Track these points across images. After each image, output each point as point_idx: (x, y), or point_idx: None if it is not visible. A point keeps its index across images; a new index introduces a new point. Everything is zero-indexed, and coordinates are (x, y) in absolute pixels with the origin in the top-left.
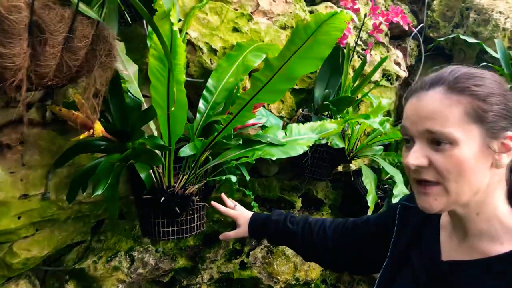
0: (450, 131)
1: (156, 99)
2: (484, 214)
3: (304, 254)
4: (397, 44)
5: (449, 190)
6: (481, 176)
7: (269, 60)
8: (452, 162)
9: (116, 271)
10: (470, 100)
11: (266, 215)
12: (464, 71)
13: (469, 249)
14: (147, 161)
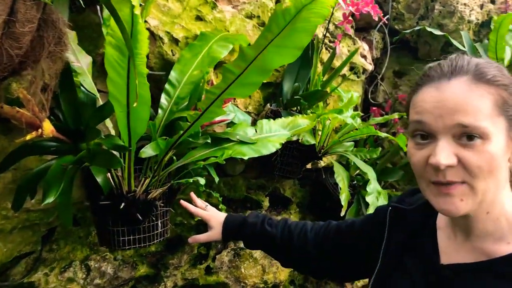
0: (484, 125)
1: (114, 93)
2: (493, 213)
3: (282, 259)
4: (362, 37)
5: (476, 189)
6: (504, 173)
7: (243, 50)
8: (485, 159)
9: (70, 283)
10: (498, 90)
11: (242, 217)
12: (479, 59)
13: (472, 251)
14: (104, 163)
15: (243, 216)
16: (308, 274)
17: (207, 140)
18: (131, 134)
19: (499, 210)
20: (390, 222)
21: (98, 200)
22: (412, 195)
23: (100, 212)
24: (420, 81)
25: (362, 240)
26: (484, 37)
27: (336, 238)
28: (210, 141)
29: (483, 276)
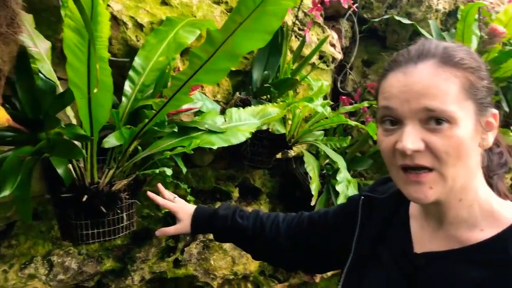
0: (451, 108)
1: (74, 80)
2: (466, 199)
3: (254, 252)
4: (331, 25)
5: (445, 176)
6: (474, 158)
7: (211, 33)
8: (452, 143)
9: (32, 279)
10: (465, 73)
11: (211, 210)
12: (447, 43)
13: (446, 239)
14: (65, 154)
15: (213, 208)
16: (280, 267)
17: (174, 129)
18: (93, 123)
19: (472, 197)
20: (363, 212)
21: (60, 193)
22: (384, 183)
23: (61, 205)
24: (388, 66)
25: (334, 230)
26: (451, 26)
27: (308, 229)
28: (177, 130)
29: (457, 263)
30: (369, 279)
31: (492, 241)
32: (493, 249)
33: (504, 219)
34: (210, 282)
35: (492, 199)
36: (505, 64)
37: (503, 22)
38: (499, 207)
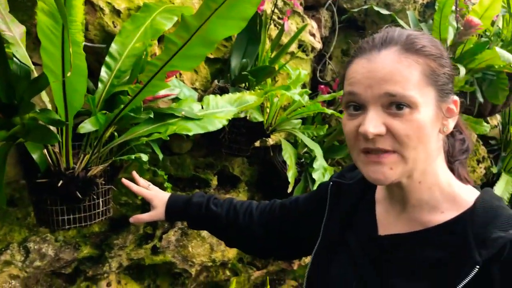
0: (411, 93)
1: (48, 64)
2: (426, 182)
3: (227, 239)
4: (311, 15)
5: (406, 158)
6: (434, 142)
7: (186, 19)
8: (413, 127)
9: (7, 266)
10: (426, 60)
11: (186, 197)
12: (411, 31)
13: (409, 221)
14: (40, 139)
15: (187, 196)
16: (254, 254)
17: (150, 115)
18: (67, 108)
19: (432, 180)
20: (331, 197)
21: (35, 178)
22: (353, 170)
23: (37, 191)
24: (353, 53)
25: (305, 216)
26: (429, 17)
27: (280, 216)
28: (152, 116)
29: (420, 245)
30: (336, 263)
31: (451, 223)
32: (452, 230)
33: (464, 202)
34: (188, 269)
35: (453, 183)
36: (480, 56)
37: (478, 14)
38: (460, 190)
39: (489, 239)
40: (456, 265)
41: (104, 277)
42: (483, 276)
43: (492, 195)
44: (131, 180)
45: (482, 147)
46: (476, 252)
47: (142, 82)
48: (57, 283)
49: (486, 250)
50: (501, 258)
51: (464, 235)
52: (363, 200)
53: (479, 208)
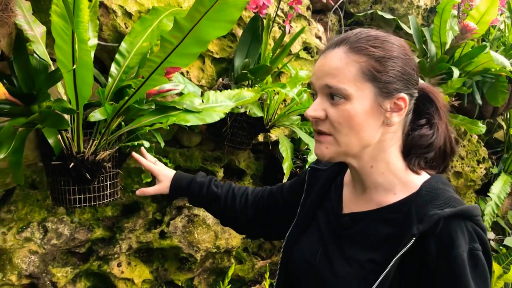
0: (345, 87)
1: (61, 59)
2: (378, 167)
3: (223, 219)
4: (318, 18)
5: (339, 141)
6: (371, 132)
7: (178, 21)
8: (344, 116)
9: (28, 242)
10: (367, 60)
11: (189, 176)
12: (369, 33)
13: (368, 201)
14: (54, 125)
15: (191, 175)
16: (245, 234)
17: (152, 106)
18: (78, 98)
19: (384, 165)
20: (308, 181)
21: (51, 161)
22: None
23: (52, 173)
24: (321, 50)
25: (288, 199)
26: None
27: (268, 200)
28: (154, 108)
29: (374, 222)
30: (308, 234)
31: (400, 203)
32: (400, 209)
33: (414, 185)
34: (193, 254)
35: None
36: (476, 59)
37: (475, 19)
38: (413, 176)
39: (426, 216)
40: (400, 238)
41: (114, 258)
42: (421, 248)
43: (439, 180)
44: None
45: (483, 148)
46: (415, 227)
47: (143, 76)
48: (72, 261)
49: (422, 225)
50: (435, 232)
51: (409, 213)
52: (334, 183)
53: (423, 190)
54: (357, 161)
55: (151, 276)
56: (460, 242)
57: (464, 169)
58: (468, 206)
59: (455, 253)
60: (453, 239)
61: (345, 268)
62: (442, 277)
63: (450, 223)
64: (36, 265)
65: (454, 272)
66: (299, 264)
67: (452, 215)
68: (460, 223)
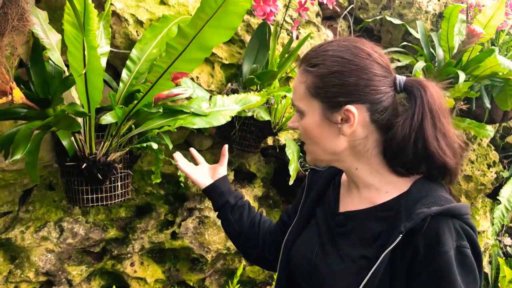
0: (299, 104)
1: (73, 65)
2: (363, 169)
3: (239, 246)
4: (328, 24)
5: (308, 150)
6: (331, 142)
7: (182, 28)
8: (303, 129)
9: (44, 241)
10: (310, 78)
11: (235, 193)
12: (318, 50)
13: (361, 200)
14: (67, 127)
15: (236, 193)
16: (256, 264)
17: (159, 109)
18: (89, 101)
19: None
20: (308, 183)
21: (65, 162)
22: None
23: (66, 173)
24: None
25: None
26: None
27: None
28: (162, 111)
29: (367, 219)
30: (307, 231)
31: (391, 202)
32: (391, 208)
33: (405, 184)
34: (204, 255)
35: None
36: (483, 63)
37: (482, 24)
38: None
39: (414, 213)
40: (389, 235)
41: (128, 257)
42: (410, 245)
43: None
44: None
45: (493, 152)
46: (402, 225)
47: (151, 81)
48: (87, 260)
49: (409, 222)
50: (422, 229)
51: (399, 211)
52: (332, 183)
53: (413, 189)
54: (341, 164)
55: (163, 276)
56: (447, 239)
57: (474, 173)
58: (456, 204)
59: (442, 250)
60: (439, 237)
61: (340, 264)
62: (430, 274)
63: (438, 221)
64: (52, 263)
65: (441, 269)
66: (297, 259)
67: (438, 213)
68: (448, 221)
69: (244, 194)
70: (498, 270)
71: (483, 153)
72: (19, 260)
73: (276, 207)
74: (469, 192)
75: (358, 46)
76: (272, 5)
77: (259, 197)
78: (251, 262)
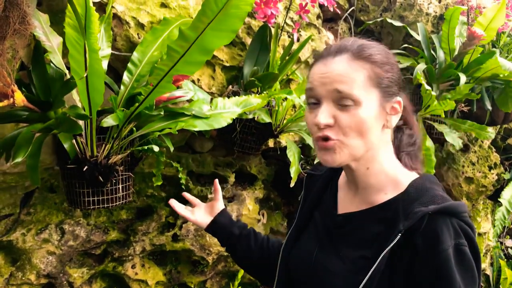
0: (355, 92)
1: (75, 67)
2: (373, 169)
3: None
4: (329, 27)
5: (347, 145)
6: (375, 135)
7: (183, 31)
8: (355, 120)
9: (46, 243)
10: (372, 66)
11: (234, 224)
12: (364, 41)
13: (360, 201)
14: (68, 130)
15: (233, 226)
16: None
17: (161, 112)
18: (91, 104)
19: (379, 167)
20: (306, 186)
21: (66, 164)
22: None
23: (68, 176)
24: (315, 58)
25: None
26: None
27: None
28: (164, 114)
29: (366, 220)
30: (305, 234)
31: (390, 202)
32: (389, 208)
33: (402, 184)
34: (205, 257)
35: (397, 169)
36: (484, 65)
37: (483, 26)
38: (402, 176)
39: (412, 213)
40: (388, 235)
41: (129, 260)
42: (408, 244)
43: (427, 179)
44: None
45: (494, 154)
46: (401, 224)
47: (152, 84)
48: (88, 262)
49: (408, 221)
50: (421, 228)
51: (397, 211)
52: (329, 186)
53: (410, 189)
54: (357, 163)
55: (165, 278)
56: (445, 237)
57: (475, 175)
58: (453, 202)
59: (440, 249)
60: (438, 235)
61: (339, 265)
62: (428, 272)
63: (435, 220)
64: (53, 265)
65: (440, 267)
66: (297, 262)
67: (436, 211)
68: (445, 220)
69: (245, 196)
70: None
71: (484, 155)
72: (21, 263)
73: (277, 209)
74: (470, 194)
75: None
76: (273, 8)
77: (260, 199)
78: (270, 286)
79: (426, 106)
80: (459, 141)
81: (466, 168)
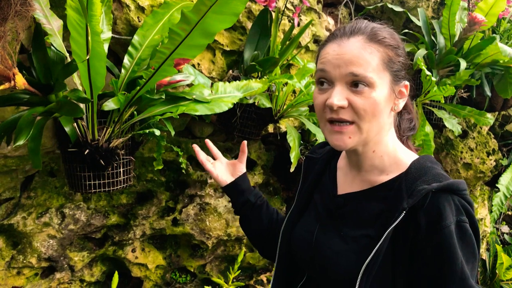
0: (370, 75)
1: (76, 50)
2: (379, 151)
3: (255, 239)
4: (329, 11)
5: (362, 129)
6: (385, 117)
7: (185, 14)
8: (370, 103)
9: (46, 227)
10: (385, 50)
11: (254, 194)
12: (376, 24)
13: (361, 182)
14: (70, 113)
15: (251, 193)
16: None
17: (162, 96)
18: (92, 87)
19: (383, 149)
20: (305, 169)
21: (67, 148)
22: (323, 147)
23: (69, 159)
24: (327, 38)
25: None
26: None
27: None
28: (165, 98)
29: (367, 200)
30: (305, 214)
31: (392, 181)
32: (391, 187)
33: (404, 164)
34: (205, 241)
35: (398, 150)
36: (485, 51)
37: (484, 11)
38: (403, 156)
39: (415, 190)
40: (392, 213)
41: (129, 243)
42: (412, 221)
43: (427, 159)
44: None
45: (492, 140)
46: (405, 202)
47: (154, 67)
48: (88, 246)
49: (412, 199)
50: (424, 205)
51: (399, 190)
52: (328, 168)
53: (412, 168)
54: (364, 146)
55: (164, 262)
56: (448, 214)
57: (473, 161)
58: (454, 180)
59: (443, 225)
60: (441, 212)
61: (341, 245)
62: (432, 248)
63: (438, 197)
64: (54, 249)
65: (442, 243)
66: (298, 243)
67: (439, 189)
68: (447, 197)
69: None
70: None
71: (483, 141)
72: (21, 246)
73: (276, 194)
74: (468, 179)
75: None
76: None
77: (260, 184)
78: (266, 258)
79: (426, 91)
80: (458, 127)
81: (464, 154)
